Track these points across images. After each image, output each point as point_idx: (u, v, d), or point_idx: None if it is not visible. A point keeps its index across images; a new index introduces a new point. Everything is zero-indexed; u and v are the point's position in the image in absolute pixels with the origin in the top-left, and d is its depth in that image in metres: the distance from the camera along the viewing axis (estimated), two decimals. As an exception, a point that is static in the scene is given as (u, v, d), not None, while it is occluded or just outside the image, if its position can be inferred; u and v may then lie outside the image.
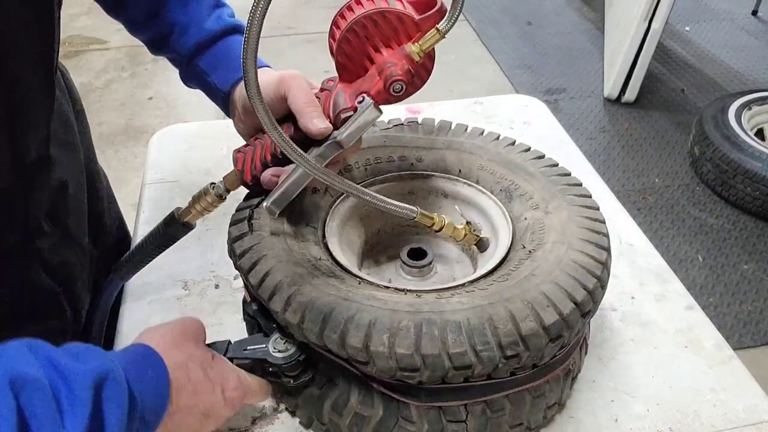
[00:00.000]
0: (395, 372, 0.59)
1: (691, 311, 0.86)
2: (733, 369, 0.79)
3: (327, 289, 0.63)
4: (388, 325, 0.58)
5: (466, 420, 0.64)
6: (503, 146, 0.84)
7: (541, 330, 0.59)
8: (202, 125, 1.21)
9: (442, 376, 0.59)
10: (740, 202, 2.48)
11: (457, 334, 0.58)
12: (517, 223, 0.76)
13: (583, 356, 0.75)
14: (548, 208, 0.74)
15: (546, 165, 0.80)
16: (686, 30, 3.76)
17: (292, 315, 0.61)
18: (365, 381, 0.64)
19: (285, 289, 0.62)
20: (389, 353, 0.58)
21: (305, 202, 0.76)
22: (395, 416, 0.64)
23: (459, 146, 0.84)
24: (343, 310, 0.60)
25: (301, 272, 0.65)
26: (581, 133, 2.91)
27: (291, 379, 0.66)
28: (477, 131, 0.87)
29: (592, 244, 0.68)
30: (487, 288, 0.65)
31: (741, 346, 2.01)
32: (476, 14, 3.89)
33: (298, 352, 0.65)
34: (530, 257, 0.68)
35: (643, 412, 0.73)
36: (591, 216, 0.72)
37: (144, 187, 1.05)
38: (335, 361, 0.64)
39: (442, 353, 0.57)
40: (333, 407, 0.66)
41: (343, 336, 0.59)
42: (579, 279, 0.64)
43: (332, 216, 0.77)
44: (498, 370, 0.60)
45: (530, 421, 0.68)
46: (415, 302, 0.62)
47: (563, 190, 0.76)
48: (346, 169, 0.81)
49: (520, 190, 0.78)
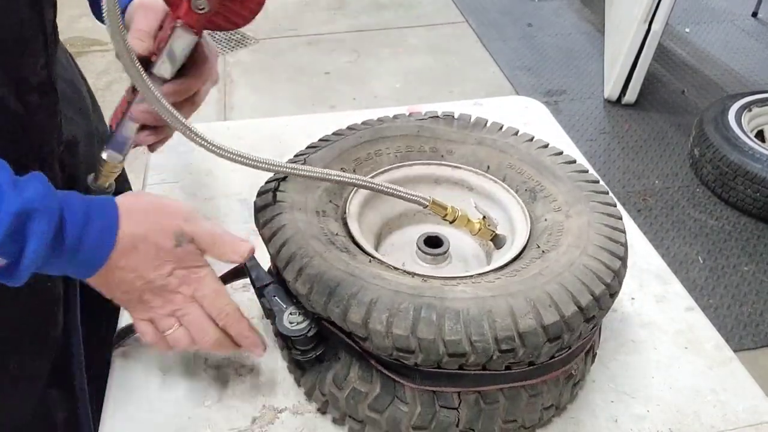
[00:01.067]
0: (391, 351, 0.60)
1: (692, 312, 0.86)
2: (733, 370, 0.78)
3: (337, 263, 0.65)
4: (389, 305, 0.60)
5: (459, 407, 0.64)
6: (535, 147, 0.84)
7: (539, 328, 0.59)
8: (203, 127, 1.20)
9: (437, 360, 0.60)
10: (740, 204, 2.48)
11: (454, 322, 0.59)
12: (536, 224, 0.76)
13: (589, 363, 0.74)
14: (570, 212, 0.74)
15: (575, 170, 0.80)
16: (686, 31, 3.76)
17: (301, 285, 0.64)
18: (365, 358, 0.65)
19: (298, 260, 0.65)
20: (386, 332, 0.59)
21: None
22: (391, 395, 0.65)
23: (491, 143, 0.85)
24: (348, 285, 0.62)
25: (316, 245, 0.67)
26: (581, 135, 2.91)
27: (300, 353, 0.67)
28: (511, 130, 0.87)
29: (607, 251, 0.68)
30: (493, 282, 0.65)
31: (741, 348, 2.00)
32: (477, 16, 3.90)
33: (308, 328, 0.66)
34: (542, 257, 0.69)
35: (643, 412, 0.73)
36: (611, 224, 0.72)
37: (145, 189, 1.05)
38: (339, 336, 0.65)
39: (437, 338, 0.58)
40: (334, 380, 0.68)
41: (346, 310, 0.61)
42: (587, 283, 0.63)
43: (355, 195, 0.79)
44: (493, 362, 0.60)
45: (525, 419, 0.67)
46: (420, 286, 0.63)
47: (588, 196, 0.76)
48: (375, 153, 0.83)
49: (545, 192, 0.78)
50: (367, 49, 3.55)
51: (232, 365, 0.77)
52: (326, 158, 0.80)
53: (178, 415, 0.71)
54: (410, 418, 0.65)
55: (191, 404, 0.72)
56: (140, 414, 0.72)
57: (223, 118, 2.86)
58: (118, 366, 0.77)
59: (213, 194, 1.03)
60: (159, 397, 0.73)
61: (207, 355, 0.78)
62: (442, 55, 3.54)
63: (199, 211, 0.99)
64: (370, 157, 0.83)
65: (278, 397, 0.74)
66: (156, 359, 0.77)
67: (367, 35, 3.69)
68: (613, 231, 0.71)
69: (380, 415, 0.66)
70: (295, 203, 0.73)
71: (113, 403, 0.73)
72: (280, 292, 0.69)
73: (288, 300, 0.68)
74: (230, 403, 0.73)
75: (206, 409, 0.72)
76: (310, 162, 0.79)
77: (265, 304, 0.69)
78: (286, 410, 0.72)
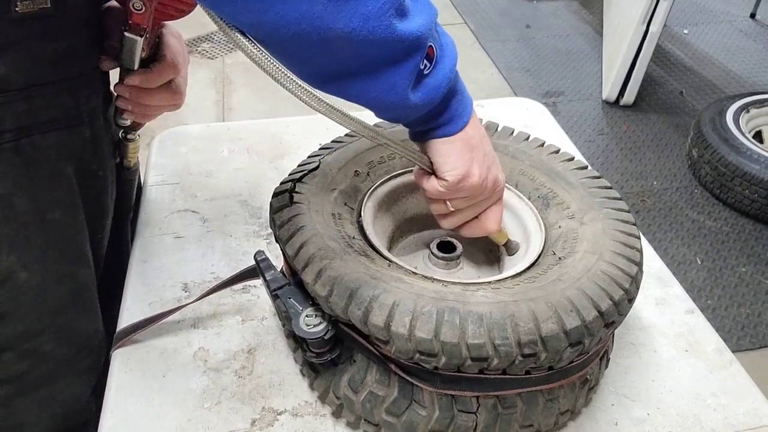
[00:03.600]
0: (413, 354, 0.60)
1: (692, 315, 0.86)
2: (733, 373, 0.78)
3: (357, 266, 0.64)
4: (412, 308, 0.59)
5: (477, 412, 0.64)
6: (546, 153, 0.84)
7: (561, 333, 0.59)
8: (203, 128, 1.21)
9: (458, 364, 0.60)
10: (738, 205, 2.48)
11: (477, 326, 0.58)
12: (550, 231, 0.76)
13: (603, 368, 0.74)
14: (584, 219, 0.74)
15: (587, 176, 0.80)
16: (684, 33, 3.76)
17: (321, 287, 0.63)
18: (383, 361, 0.65)
19: (317, 262, 0.64)
20: (409, 335, 0.59)
21: (347, 184, 0.78)
22: (409, 399, 0.65)
23: (503, 149, 0.85)
24: (369, 288, 0.61)
25: (335, 248, 0.66)
26: (579, 136, 2.91)
27: (315, 356, 0.67)
28: (522, 136, 0.87)
29: (623, 257, 0.68)
30: (513, 287, 0.65)
31: (739, 349, 2.01)
32: (475, 18, 3.90)
33: (325, 330, 0.65)
34: (559, 264, 0.68)
35: (643, 416, 0.73)
36: (626, 230, 0.72)
37: (145, 189, 1.05)
38: (357, 339, 0.65)
39: (460, 342, 0.58)
40: (349, 383, 0.67)
41: (367, 313, 0.60)
42: (606, 289, 0.63)
43: (369, 198, 0.79)
44: (514, 366, 0.60)
45: (541, 424, 0.67)
46: (441, 290, 0.63)
47: (601, 202, 0.76)
48: (389, 157, 0.83)
49: (558, 199, 0.78)
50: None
51: (232, 367, 0.77)
52: (341, 160, 0.80)
53: (177, 416, 0.71)
54: (428, 422, 0.64)
55: (190, 406, 0.72)
56: (139, 416, 0.71)
57: (222, 119, 2.85)
58: (117, 367, 0.76)
59: (214, 195, 1.03)
60: (158, 399, 0.73)
61: (206, 357, 0.78)
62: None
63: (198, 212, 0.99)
64: (383, 161, 0.83)
65: (278, 399, 0.73)
66: (156, 361, 0.77)
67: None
68: (628, 237, 0.71)
69: (397, 419, 0.65)
70: (312, 205, 0.73)
71: (112, 405, 0.72)
72: (295, 294, 0.68)
73: (304, 302, 0.67)
74: (229, 405, 0.72)
75: (205, 411, 0.72)
76: (324, 164, 0.80)
77: (280, 306, 0.69)
78: (285, 412, 0.72)
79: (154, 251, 0.92)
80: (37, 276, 0.75)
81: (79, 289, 0.82)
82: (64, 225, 0.76)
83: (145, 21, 0.72)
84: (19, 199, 0.70)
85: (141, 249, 0.93)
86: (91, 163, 0.79)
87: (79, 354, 0.84)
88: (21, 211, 0.71)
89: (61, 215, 0.75)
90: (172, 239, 0.94)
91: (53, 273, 0.77)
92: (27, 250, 0.73)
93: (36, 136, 0.70)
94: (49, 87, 0.69)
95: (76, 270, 0.80)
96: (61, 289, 0.79)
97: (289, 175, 0.78)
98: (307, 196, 0.74)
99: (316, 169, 0.78)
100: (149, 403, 0.72)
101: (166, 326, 0.80)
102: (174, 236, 0.95)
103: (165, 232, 0.96)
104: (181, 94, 0.85)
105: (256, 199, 1.03)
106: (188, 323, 0.82)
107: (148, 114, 0.86)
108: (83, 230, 0.80)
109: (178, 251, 0.92)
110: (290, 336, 0.75)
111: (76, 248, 0.79)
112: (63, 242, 0.77)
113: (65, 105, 0.72)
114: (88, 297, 0.84)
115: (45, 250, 0.75)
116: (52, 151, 0.72)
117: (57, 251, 0.76)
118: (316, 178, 0.77)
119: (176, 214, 0.99)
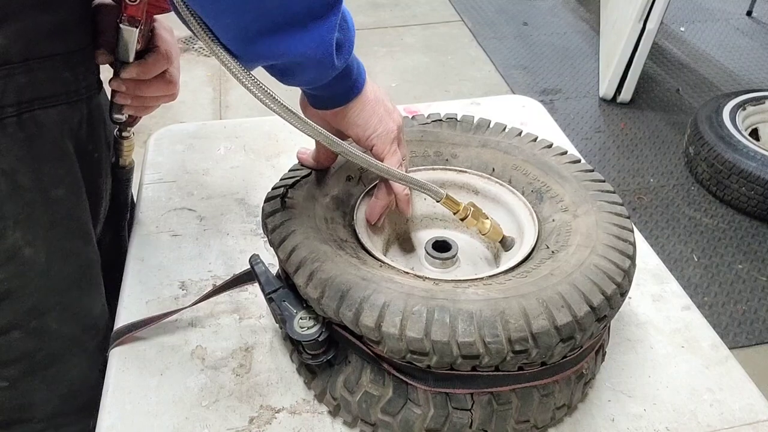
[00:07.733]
0: (405, 354, 0.60)
1: (688, 311, 0.86)
2: (729, 369, 0.79)
3: (348, 268, 0.65)
4: (402, 307, 0.60)
5: (472, 409, 0.64)
6: (539, 148, 0.84)
7: (552, 329, 0.59)
8: (200, 126, 1.21)
9: (450, 363, 0.60)
10: (735, 202, 2.49)
11: (467, 324, 0.58)
12: (544, 225, 0.76)
13: (599, 362, 0.74)
14: (577, 212, 0.74)
15: (580, 170, 0.80)
16: (681, 30, 3.77)
17: (313, 290, 0.63)
18: (377, 361, 0.65)
19: (308, 265, 0.65)
20: (400, 335, 0.59)
21: (339, 190, 0.79)
22: (404, 398, 0.65)
23: (495, 145, 0.85)
24: (360, 289, 0.62)
25: (326, 251, 0.67)
26: (576, 133, 2.92)
27: (311, 357, 0.67)
28: (515, 131, 0.87)
29: (616, 250, 0.68)
30: (505, 283, 0.65)
31: (735, 345, 2.01)
32: (472, 15, 3.90)
33: (319, 332, 0.66)
34: (552, 258, 0.68)
35: (639, 411, 0.74)
36: (619, 223, 0.72)
37: (141, 187, 1.05)
38: (351, 340, 0.65)
39: (451, 341, 0.58)
40: (345, 383, 0.67)
41: (358, 314, 0.60)
42: (598, 283, 0.63)
43: (362, 202, 0.79)
44: (506, 363, 0.60)
45: (537, 419, 0.67)
46: (431, 289, 0.63)
47: (595, 195, 0.76)
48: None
49: (552, 192, 0.78)
50: (362, 48, 3.54)
51: (230, 365, 0.77)
52: (333, 165, 0.81)
53: (175, 415, 0.71)
54: (423, 421, 0.65)
55: (188, 404, 0.72)
56: (137, 414, 0.71)
57: (218, 117, 2.85)
58: (115, 365, 0.76)
59: (210, 194, 1.03)
60: (156, 397, 0.73)
61: (204, 355, 0.78)
62: (438, 54, 3.54)
63: (194, 210, 0.99)
64: None
65: (275, 397, 0.73)
66: (153, 359, 0.77)
67: (362, 34, 3.68)
68: (621, 230, 0.71)
69: (393, 418, 0.66)
70: (304, 209, 0.73)
71: (110, 403, 0.72)
72: (289, 297, 0.69)
73: (298, 305, 0.68)
74: (227, 404, 0.72)
75: (203, 409, 0.72)
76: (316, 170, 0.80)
77: (275, 309, 0.69)
78: (283, 410, 0.72)
79: (151, 250, 0.92)
80: (42, 253, 0.75)
81: (85, 267, 0.82)
82: (68, 203, 0.76)
83: (139, 13, 0.74)
84: (23, 175, 0.70)
85: (138, 247, 0.93)
86: (88, 143, 0.79)
87: (86, 333, 0.84)
88: (25, 187, 0.71)
89: (64, 193, 0.75)
90: (168, 237, 0.94)
91: (59, 250, 0.77)
92: (32, 227, 0.73)
93: (38, 111, 0.70)
94: (48, 61, 0.70)
95: (81, 248, 0.80)
96: (67, 267, 0.79)
97: (282, 179, 0.79)
98: (299, 200, 0.74)
99: (309, 176, 0.79)
100: (147, 402, 0.72)
101: (164, 325, 0.80)
102: (171, 234, 0.95)
103: (162, 230, 0.96)
104: (176, 83, 0.87)
105: (252, 197, 1.03)
106: (186, 322, 0.82)
107: (146, 106, 0.87)
108: (86, 210, 0.80)
109: (175, 249, 0.92)
110: (287, 338, 0.75)
111: (81, 227, 0.79)
112: (67, 220, 0.77)
113: (65, 80, 0.73)
114: (94, 276, 0.84)
115: (50, 228, 0.75)
116: (53, 128, 0.72)
117: (62, 229, 0.76)
118: (309, 184, 0.77)
119: (173, 212, 0.99)
